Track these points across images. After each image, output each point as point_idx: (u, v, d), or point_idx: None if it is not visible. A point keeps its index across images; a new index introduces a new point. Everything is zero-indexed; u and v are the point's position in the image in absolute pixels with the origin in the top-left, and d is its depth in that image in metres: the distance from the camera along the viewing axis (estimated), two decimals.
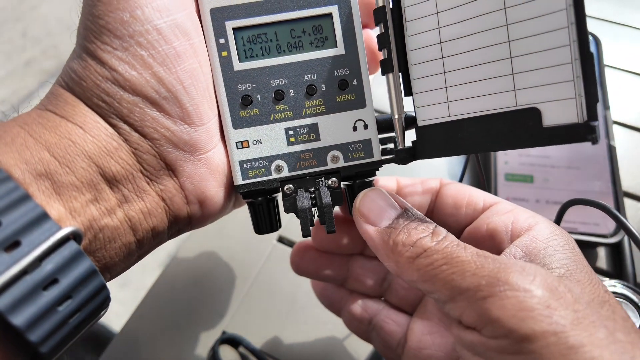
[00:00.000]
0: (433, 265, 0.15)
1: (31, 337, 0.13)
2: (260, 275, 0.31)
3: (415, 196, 0.21)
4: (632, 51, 0.40)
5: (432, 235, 0.16)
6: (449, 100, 0.18)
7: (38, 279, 0.13)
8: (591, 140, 0.15)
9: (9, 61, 1.30)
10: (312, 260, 0.23)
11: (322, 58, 0.18)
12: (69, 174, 0.15)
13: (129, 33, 0.15)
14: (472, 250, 0.15)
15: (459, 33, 0.17)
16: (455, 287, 0.14)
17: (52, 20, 0.67)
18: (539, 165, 0.33)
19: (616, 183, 0.32)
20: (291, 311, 0.30)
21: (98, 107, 0.16)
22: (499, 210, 0.18)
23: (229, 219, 0.34)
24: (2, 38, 1.35)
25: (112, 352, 0.29)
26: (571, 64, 0.15)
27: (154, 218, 0.17)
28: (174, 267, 0.32)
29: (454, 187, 0.20)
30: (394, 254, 0.16)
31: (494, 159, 0.33)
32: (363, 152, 0.19)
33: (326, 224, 0.18)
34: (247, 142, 0.18)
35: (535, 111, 0.16)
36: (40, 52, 1.30)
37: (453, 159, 0.36)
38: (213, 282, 0.31)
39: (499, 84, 0.16)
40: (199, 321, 0.30)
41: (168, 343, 0.29)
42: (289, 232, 0.33)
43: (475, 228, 0.19)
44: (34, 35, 1.35)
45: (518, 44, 0.16)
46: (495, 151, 0.26)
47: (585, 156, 0.33)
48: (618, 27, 0.42)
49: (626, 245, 0.30)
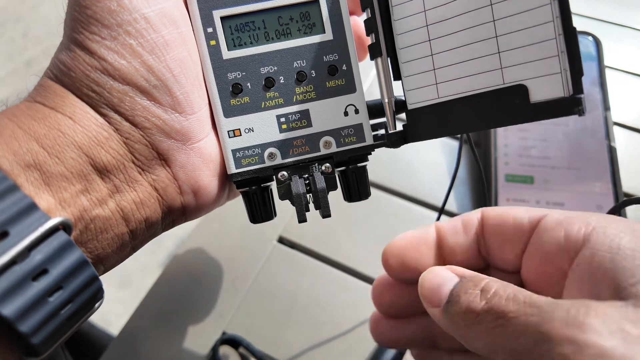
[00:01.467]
0: (487, 328, 0.13)
1: (22, 328, 0.12)
2: (261, 276, 0.31)
3: (459, 239, 0.18)
4: (632, 52, 0.41)
5: (481, 294, 0.14)
6: (437, 82, 0.18)
7: (27, 269, 0.13)
8: (578, 113, 0.15)
9: (9, 61, 1.30)
10: (391, 328, 0.20)
11: (310, 44, 0.18)
12: (58, 164, 0.15)
13: (117, 22, 0.15)
14: (520, 298, 0.13)
15: (444, 15, 0.17)
16: (512, 350, 0.12)
17: (52, 20, 0.66)
18: (539, 166, 0.33)
19: (616, 184, 0.32)
20: (291, 312, 0.30)
21: (88, 97, 0.16)
22: (547, 227, 0.15)
23: (229, 219, 0.34)
24: (3, 38, 1.35)
25: (113, 353, 0.28)
26: (555, 40, 0.15)
27: (146, 208, 0.17)
28: (174, 267, 0.32)
29: (493, 213, 0.17)
30: (456, 327, 0.14)
31: (494, 160, 0.33)
32: (355, 136, 0.19)
33: (321, 209, 0.18)
34: (239, 131, 0.18)
35: (523, 88, 0.16)
36: (41, 52, 1.30)
37: (453, 160, 0.36)
38: (213, 283, 0.31)
39: (485, 63, 0.17)
40: (199, 321, 0.29)
41: (168, 343, 0.29)
42: (289, 233, 0.33)
43: (531, 254, 0.16)
44: (35, 35, 1.35)
45: (502, 22, 0.16)
46: (484, 129, 0.26)
47: (586, 157, 0.33)
48: (619, 28, 0.43)
49: None
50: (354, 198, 0.20)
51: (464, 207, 0.34)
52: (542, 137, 0.34)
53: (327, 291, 0.30)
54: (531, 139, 0.34)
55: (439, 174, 0.35)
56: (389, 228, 0.33)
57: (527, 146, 0.34)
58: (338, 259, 0.32)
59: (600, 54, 0.38)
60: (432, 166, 0.36)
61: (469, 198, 0.34)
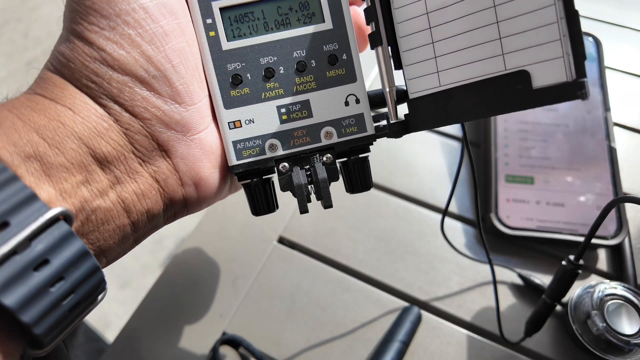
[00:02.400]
0: None
1: (24, 318, 0.12)
2: (261, 276, 0.31)
3: None
4: (633, 53, 0.41)
5: None
6: (439, 70, 0.18)
7: (28, 259, 0.13)
8: (581, 97, 0.15)
9: (10, 61, 1.31)
10: None
11: (310, 34, 0.18)
12: (58, 155, 0.14)
13: (115, 12, 0.15)
14: None
15: (444, 2, 0.17)
16: None
17: (53, 21, 0.67)
18: (539, 166, 0.33)
19: (617, 185, 0.32)
20: (291, 312, 0.29)
21: (87, 88, 0.16)
22: None
23: (229, 219, 0.34)
24: (4, 38, 1.36)
25: (113, 353, 0.28)
26: (557, 23, 0.15)
27: (148, 200, 0.16)
28: (174, 267, 0.32)
29: None
30: None
31: (495, 160, 0.33)
32: (356, 126, 0.19)
33: (323, 199, 0.18)
34: (239, 122, 0.18)
35: (525, 74, 0.16)
36: (42, 52, 1.31)
37: (454, 161, 0.36)
38: (213, 283, 0.31)
39: (487, 49, 0.16)
40: (199, 322, 0.29)
41: (168, 343, 0.29)
42: (290, 233, 0.33)
43: None
44: (36, 36, 1.36)
45: (503, 7, 0.16)
46: (487, 117, 0.26)
47: (586, 158, 0.33)
48: (619, 29, 0.43)
49: (627, 247, 0.30)
50: (355, 189, 0.19)
51: (464, 207, 0.33)
52: (542, 138, 0.34)
53: (327, 291, 0.30)
54: (531, 140, 0.34)
55: (439, 174, 0.35)
56: (388, 228, 0.33)
57: (528, 147, 0.34)
58: (338, 259, 0.31)
59: (600, 54, 0.38)
60: (432, 166, 0.35)
61: (468, 198, 0.34)
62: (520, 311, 0.29)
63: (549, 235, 0.30)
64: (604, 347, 0.25)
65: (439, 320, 0.29)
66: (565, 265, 0.25)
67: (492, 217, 0.31)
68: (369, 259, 0.31)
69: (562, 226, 0.31)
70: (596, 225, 0.23)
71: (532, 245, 0.32)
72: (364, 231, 0.33)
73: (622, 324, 0.25)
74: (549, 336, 0.28)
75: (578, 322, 0.27)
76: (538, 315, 0.26)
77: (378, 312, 0.29)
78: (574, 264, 0.25)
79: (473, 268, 0.31)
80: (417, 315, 0.29)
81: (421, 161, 0.36)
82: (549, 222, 0.31)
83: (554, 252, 0.31)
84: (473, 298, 0.30)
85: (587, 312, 0.26)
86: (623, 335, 0.25)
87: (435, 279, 0.31)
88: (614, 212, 0.31)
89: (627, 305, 0.26)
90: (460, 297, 0.30)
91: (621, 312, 0.26)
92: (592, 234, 0.23)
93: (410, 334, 0.28)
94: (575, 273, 0.25)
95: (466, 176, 0.35)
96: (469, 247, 0.32)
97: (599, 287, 0.26)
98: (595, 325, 0.25)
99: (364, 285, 0.30)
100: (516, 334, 0.28)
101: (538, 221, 0.31)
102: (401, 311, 0.29)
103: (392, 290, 0.30)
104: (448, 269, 0.31)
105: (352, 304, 0.30)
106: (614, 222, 0.31)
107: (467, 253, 0.31)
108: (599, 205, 0.31)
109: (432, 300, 0.30)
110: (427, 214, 0.33)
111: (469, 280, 0.30)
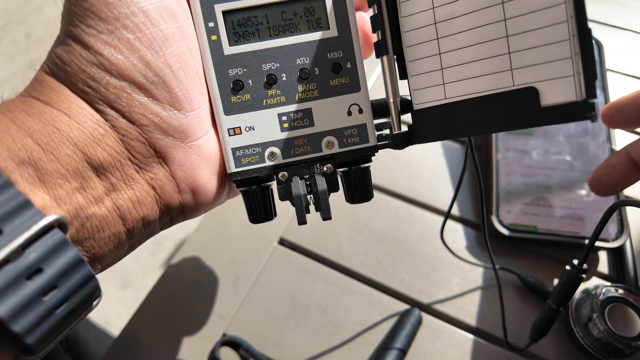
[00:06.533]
0: None
1: (15, 328, 0.12)
2: (261, 278, 0.31)
3: None
4: (634, 55, 0.40)
5: None
6: (445, 83, 0.17)
7: (21, 268, 0.13)
8: (590, 118, 0.14)
9: (12, 62, 1.31)
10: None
11: (314, 41, 0.18)
12: (53, 161, 0.14)
13: (114, 15, 0.15)
14: None
15: (453, 13, 0.16)
16: None
17: (55, 22, 0.68)
18: (540, 168, 0.33)
19: None
20: (292, 314, 0.29)
21: (84, 92, 0.15)
22: None
23: (229, 220, 0.34)
24: (6, 39, 1.36)
25: (113, 354, 0.29)
26: (569, 41, 0.14)
27: (144, 207, 0.16)
28: (174, 268, 0.32)
29: None
30: None
31: (496, 163, 0.33)
32: (358, 137, 0.18)
33: (322, 211, 0.17)
34: (239, 129, 0.18)
35: (533, 91, 0.15)
36: (44, 53, 1.30)
37: (455, 163, 0.36)
38: (214, 284, 0.31)
39: (495, 64, 0.16)
40: (200, 323, 0.29)
41: (168, 345, 0.29)
42: (290, 235, 0.32)
43: None
44: (38, 37, 1.36)
45: (514, 22, 0.15)
46: (492, 133, 0.26)
47: (587, 160, 0.33)
48: (620, 31, 0.42)
49: (628, 250, 0.30)
50: (355, 200, 0.19)
51: (465, 209, 0.33)
52: (543, 139, 0.34)
53: (328, 293, 0.30)
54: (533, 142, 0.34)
55: (441, 177, 0.35)
56: (389, 230, 0.32)
57: (529, 149, 0.34)
58: (339, 261, 0.31)
59: (601, 57, 0.37)
60: (434, 169, 0.35)
61: (469, 200, 0.34)
62: (522, 314, 0.29)
63: (550, 237, 0.30)
64: (605, 350, 0.25)
65: (440, 322, 0.29)
66: (569, 270, 0.25)
67: (493, 219, 0.31)
68: (370, 260, 0.31)
69: (563, 228, 0.31)
70: (599, 229, 0.22)
71: (532, 248, 0.32)
72: (365, 233, 0.32)
73: (623, 327, 0.25)
74: (550, 339, 0.28)
75: (579, 325, 0.26)
76: (543, 320, 0.26)
77: (378, 315, 0.29)
78: (578, 268, 0.24)
79: (474, 270, 0.31)
80: (418, 317, 0.29)
81: (422, 163, 0.36)
82: (550, 224, 0.31)
83: (555, 254, 0.31)
84: (474, 300, 0.30)
85: (588, 314, 0.26)
86: (624, 338, 0.25)
87: (436, 281, 0.30)
88: (615, 214, 0.31)
89: (628, 308, 0.26)
90: (461, 299, 0.30)
91: (622, 315, 0.26)
92: (595, 238, 0.23)
93: (410, 338, 0.28)
94: (579, 278, 0.25)
95: (467, 177, 0.34)
96: (470, 249, 0.32)
97: (600, 289, 0.26)
98: (596, 327, 0.25)
99: (364, 287, 0.30)
100: (518, 337, 0.28)
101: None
102: (402, 314, 0.29)
103: (392, 292, 0.30)
104: (449, 272, 0.31)
105: (353, 306, 0.30)
106: (615, 225, 0.31)
107: (468, 255, 0.31)
108: (600, 207, 0.31)
109: (433, 302, 0.30)
110: (428, 216, 0.33)
111: (470, 283, 0.30)
